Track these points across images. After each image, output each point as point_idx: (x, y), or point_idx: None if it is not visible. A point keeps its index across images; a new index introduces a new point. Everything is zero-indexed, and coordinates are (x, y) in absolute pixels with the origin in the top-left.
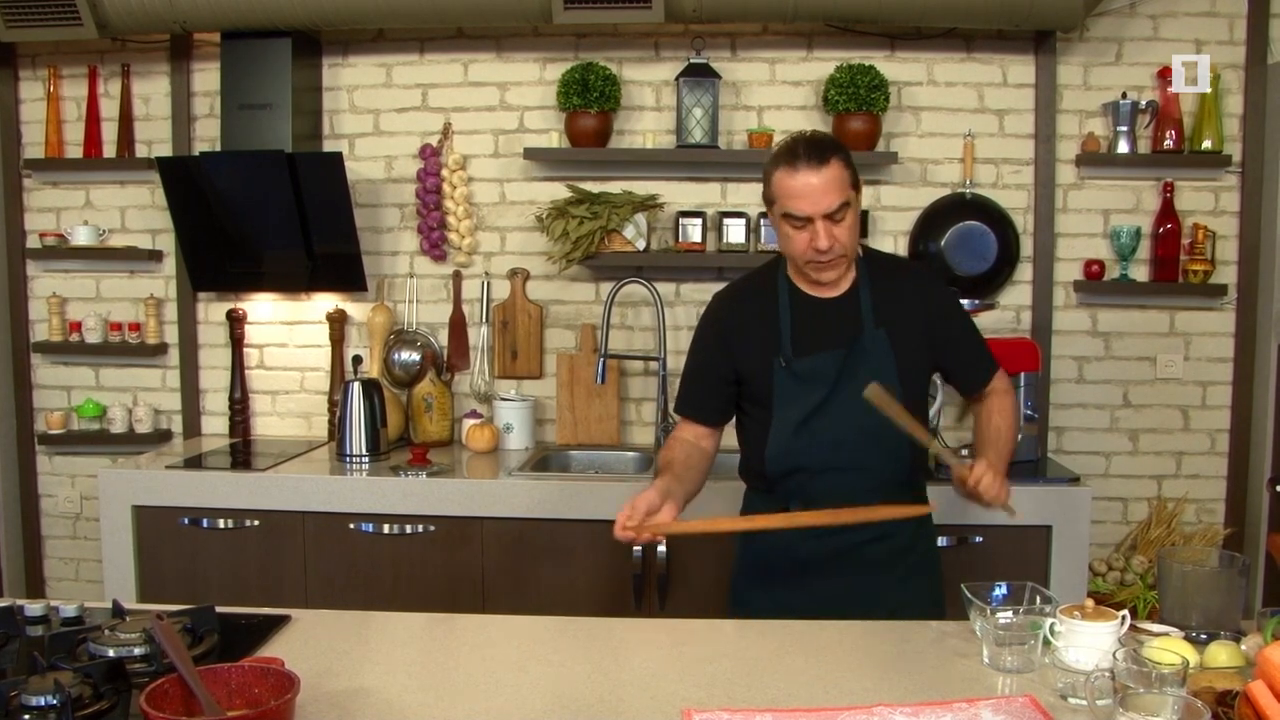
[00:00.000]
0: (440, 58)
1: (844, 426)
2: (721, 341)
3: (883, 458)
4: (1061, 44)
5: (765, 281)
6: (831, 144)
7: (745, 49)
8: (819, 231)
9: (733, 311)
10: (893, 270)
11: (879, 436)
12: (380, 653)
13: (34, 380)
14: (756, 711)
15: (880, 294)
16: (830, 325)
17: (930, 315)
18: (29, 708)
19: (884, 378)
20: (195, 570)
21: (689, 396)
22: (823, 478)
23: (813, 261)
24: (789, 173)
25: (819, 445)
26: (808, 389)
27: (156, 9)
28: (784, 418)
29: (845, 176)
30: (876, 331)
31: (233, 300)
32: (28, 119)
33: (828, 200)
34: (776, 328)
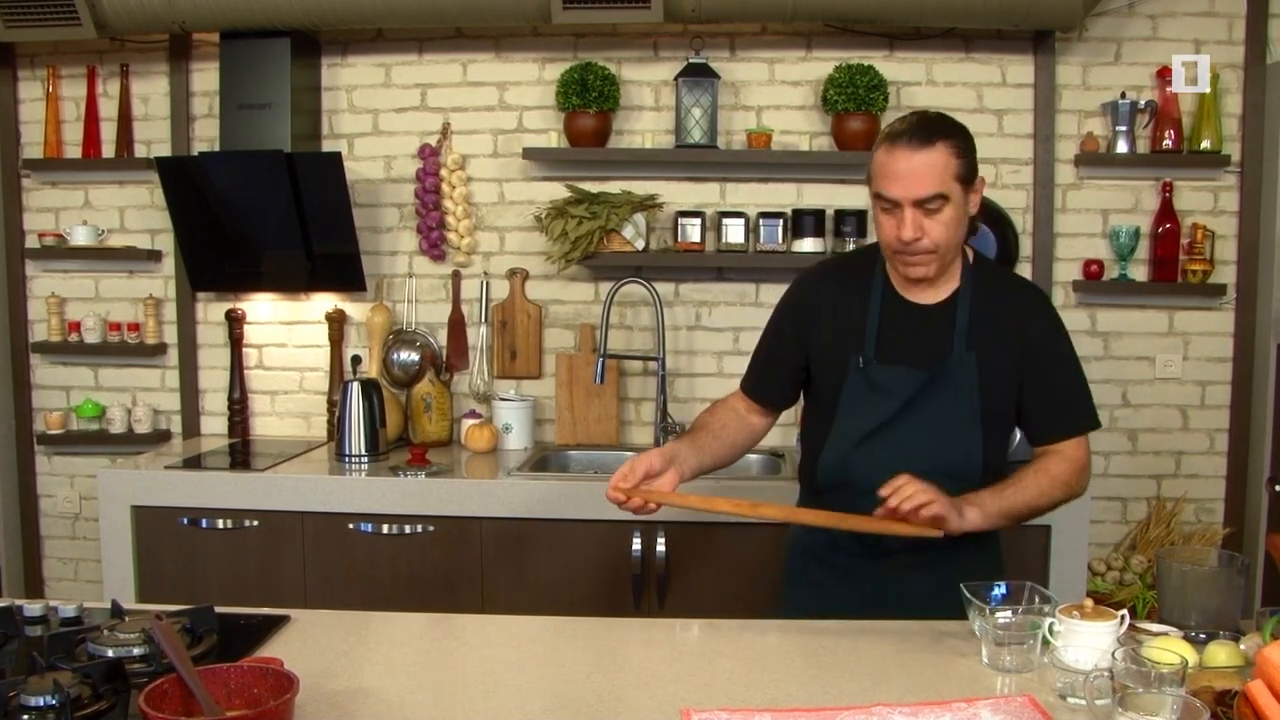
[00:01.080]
0: (439, 58)
1: (910, 450)
2: (800, 323)
3: (945, 485)
4: (1060, 44)
5: (862, 270)
6: (948, 127)
7: (744, 49)
8: (905, 219)
9: (821, 294)
10: (1000, 286)
11: (947, 468)
12: (379, 653)
13: (33, 380)
14: (755, 711)
15: (980, 310)
16: (920, 335)
17: (1025, 344)
18: (28, 708)
19: (965, 405)
20: (194, 570)
21: (752, 371)
22: (870, 499)
23: (899, 253)
24: (888, 149)
25: (878, 464)
26: (879, 400)
27: (155, 9)
28: (847, 425)
29: (950, 166)
30: (966, 353)
31: (232, 300)
32: (26, 119)
33: (921, 186)
34: (863, 324)
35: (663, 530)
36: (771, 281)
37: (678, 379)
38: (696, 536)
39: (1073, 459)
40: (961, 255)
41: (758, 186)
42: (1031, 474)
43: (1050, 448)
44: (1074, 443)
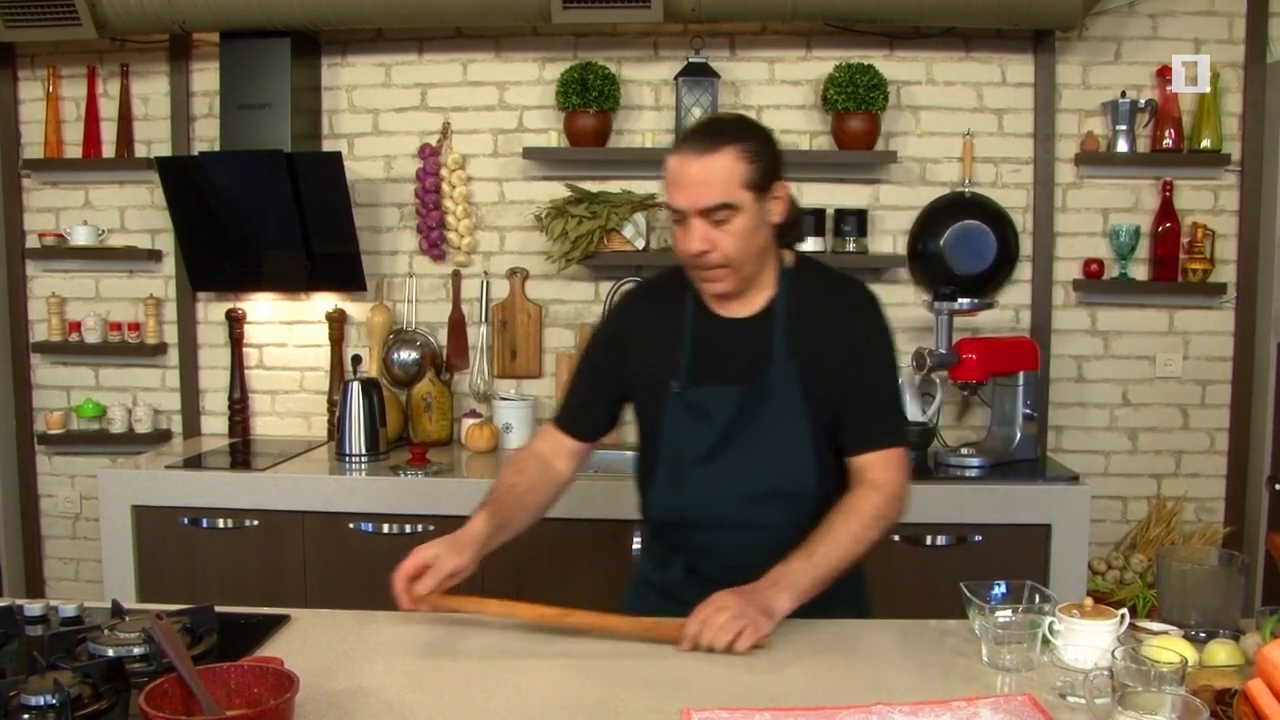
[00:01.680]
0: (439, 57)
1: (735, 477)
2: (614, 351)
3: (785, 515)
4: (1060, 43)
5: (674, 289)
6: (735, 130)
7: (744, 48)
8: (693, 231)
9: (633, 318)
10: (820, 288)
11: (779, 487)
12: (380, 652)
13: (33, 380)
14: (755, 710)
15: (799, 315)
16: (736, 352)
17: (849, 344)
18: (28, 707)
19: (792, 419)
20: (195, 570)
21: (568, 406)
22: (710, 535)
23: (693, 268)
24: (675, 155)
25: (705, 497)
26: (701, 425)
27: (155, 9)
28: (671, 458)
29: (737, 172)
30: (787, 362)
31: (232, 300)
32: (27, 119)
33: (704, 195)
34: (677, 346)
35: None
36: None
37: None
38: None
39: (883, 485)
40: (778, 260)
41: None
42: (841, 520)
43: (862, 475)
44: (883, 463)
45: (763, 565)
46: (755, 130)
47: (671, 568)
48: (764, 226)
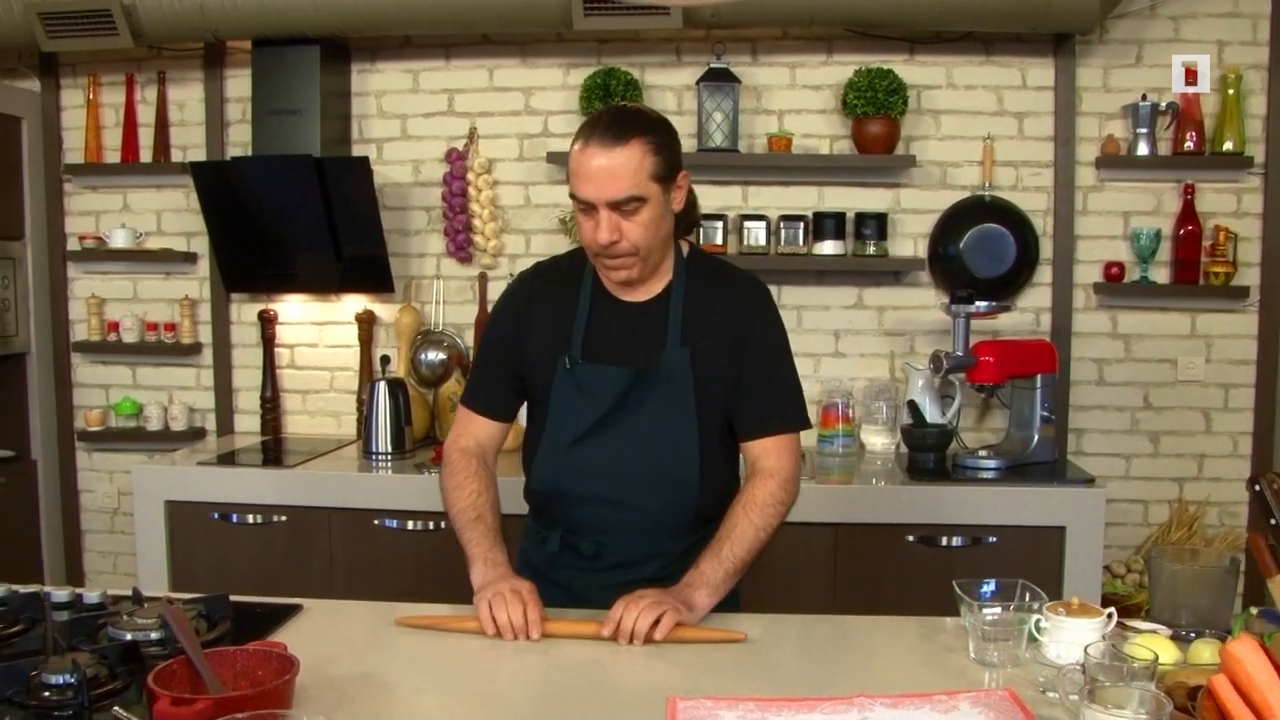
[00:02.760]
0: (466, 63)
1: (617, 454)
2: (516, 323)
3: (659, 497)
4: (1081, 46)
5: (572, 271)
6: (642, 123)
7: (766, 53)
8: (602, 222)
9: (535, 292)
10: (715, 278)
11: (662, 469)
12: (384, 640)
13: (74, 379)
14: (739, 700)
15: (694, 304)
16: (630, 334)
17: (738, 332)
18: (48, 685)
19: (679, 405)
20: (225, 563)
21: (476, 384)
22: (588, 509)
23: (600, 256)
24: (581, 147)
25: (586, 470)
26: (588, 402)
27: (189, 18)
28: (557, 431)
29: (645, 164)
30: (680, 350)
31: (264, 301)
32: (68, 125)
33: (614, 187)
34: (571, 325)
35: None
36: (793, 284)
37: None
38: None
39: (777, 472)
40: (675, 250)
41: (779, 189)
42: (741, 513)
43: (756, 463)
44: (776, 449)
45: (637, 544)
46: (659, 122)
47: (547, 544)
48: (668, 216)
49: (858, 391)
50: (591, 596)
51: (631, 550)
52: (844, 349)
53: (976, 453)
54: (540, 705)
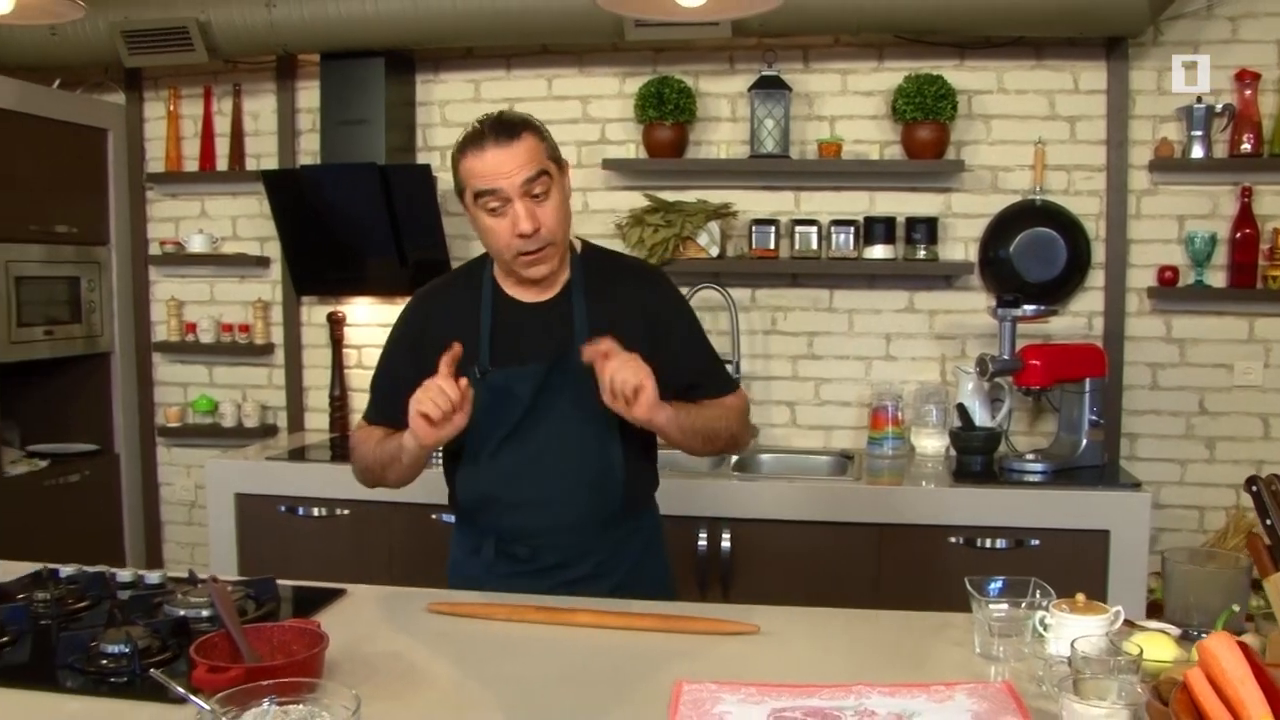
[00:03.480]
0: (525, 73)
1: (541, 453)
2: (411, 345)
3: (587, 492)
4: (1134, 49)
5: (470, 280)
6: (522, 121)
7: (817, 60)
8: (519, 213)
9: (428, 312)
10: (611, 268)
11: (585, 465)
12: (417, 623)
13: (155, 377)
14: (742, 685)
15: (596, 297)
16: (537, 334)
17: (649, 319)
18: (105, 654)
19: (595, 398)
20: (290, 554)
21: (378, 403)
22: (519, 511)
23: (521, 255)
24: (477, 154)
25: (512, 474)
26: (503, 407)
27: (260, 34)
28: (475, 440)
29: (542, 149)
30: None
31: (333, 303)
32: (150, 136)
33: (521, 170)
34: (476, 333)
35: (728, 527)
36: (844, 288)
37: (754, 382)
38: (762, 532)
39: (742, 406)
40: (569, 248)
41: (831, 195)
42: (706, 404)
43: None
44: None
45: (571, 543)
46: (535, 119)
47: (480, 554)
48: (568, 204)
49: (908, 395)
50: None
51: (566, 549)
52: (895, 352)
53: (1023, 456)
54: (554, 684)
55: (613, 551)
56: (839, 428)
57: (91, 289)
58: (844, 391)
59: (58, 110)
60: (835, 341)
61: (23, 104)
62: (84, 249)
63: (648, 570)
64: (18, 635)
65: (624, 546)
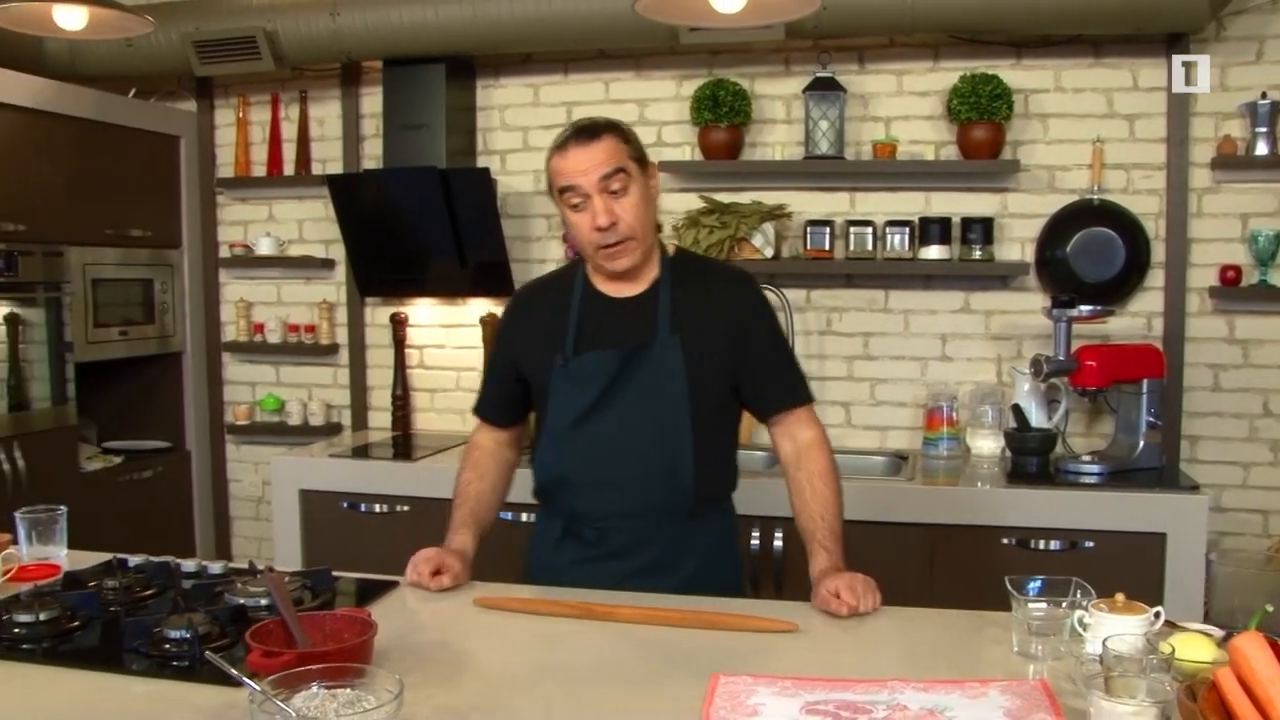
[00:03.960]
0: (583, 77)
1: (612, 435)
2: (509, 338)
3: (655, 477)
4: (1196, 45)
5: (565, 279)
6: (606, 124)
7: (873, 61)
8: (597, 208)
9: (525, 307)
10: (700, 270)
11: (656, 453)
12: (467, 614)
13: (224, 376)
14: (778, 678)
15: (682, 295)
16: (621, 325)
17: (731, 321)
18: (167, 639)
19: (672, 388)
20: (352, 549)
21: (483, 396)
22: (589, 492)
23: (601, 249)
24: (561, 153)
25: (584, 454)
26: (580, 390)
27: (323, 42)
28: (554, 421)
29: (622, 149)
30: (671, 337)
31: (396, 304)
32: (220, 142)
33: (600, 167)
34: (564, 326)
35: (781, 526)
36: (899, 288)
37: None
38: None
39: (819, 440)
40: (660, 249)
41: (886, 195)
42: (822, 484)
43: (791, 433)
44: (805, 420)
45: (635, 529)
46: (622, 123)
47: (550, 534)
48: (651, 202)
49: (964, 395)
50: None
51: (631, 535)
52: (951, 353)
53: (1079, 457)
54: (593, 675)
55: (679, 543)
56: (894, 428)
57: (164, 291)
58: (899, 392)
59: (133, 118)
60: (890, 342)
61: (100, 113)
62: (157, 252)
63: (717, 568)
64: (88, 620)
65: (692, 540)
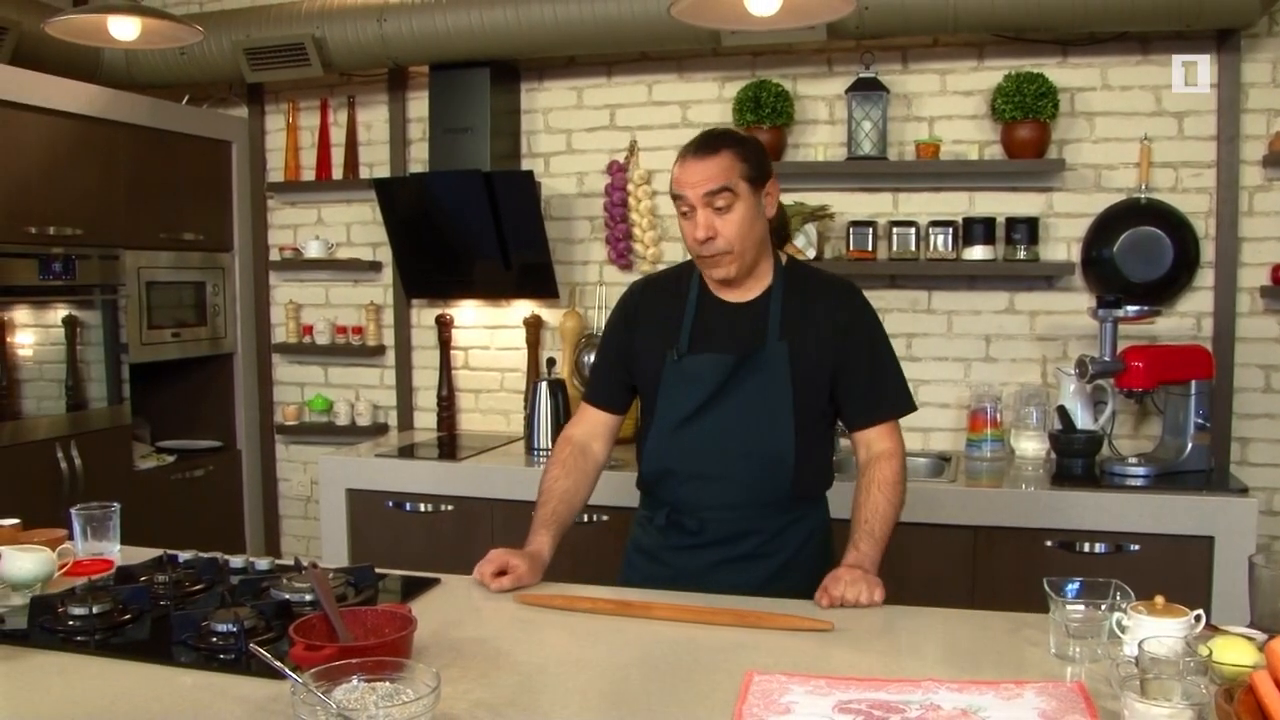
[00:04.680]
0: (626, 80)
1: (719, 433)
2: (626, 326)
3: (757, 473)
4: (1247, 41)
5: (683, 276)
6: (730, 138)
7: (916, 61)
8: (699, 220)
9: (644, 299)
10: (812, 282)
11: (757, 450)
12: (505, 611)
13: (274, 377)
14: (811, 677)
15: (793, 305)
16: (732, 329)
17: (836, 331)
18: (215, 632)
19: (777, 391)
20: (397, 547)
21: (594, 381)
22: (693, 484)
23: (700, 256)
24: (680, 163)
25: (690, 449)
26: (692, 388)
27: (371, 47)
28: (664, 416)
29: (735, 167)
30: (779, 343)
31: (441, 306)
32: (271, 147)
33: (707, 183)
34: (679, 322)
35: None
36: (944, 289)
37: None
38: None
39: (894, 453)
40: (774, 259)
41: (930, 195)
42: (878, 492)
43: (869, 445)
44: (887, 433)
45: (737, 519)
46: (747, 138)
47: (653, 523)
48: (760, 218)
49: (1009, 396)
50: (694, 575)
51: (732, 525)
52: (995, 354)
53: (1126, 460)
54: (629, 671)
55: (775, 535)
56: (937, 429)
57: (216, 293)
58: (943, 393)
59: (186, 124)
60: (934, 343)
61: (154, 119)
62: (209, 255)
63: (808, 561)
64: (139, 614)
65: (787, 533)
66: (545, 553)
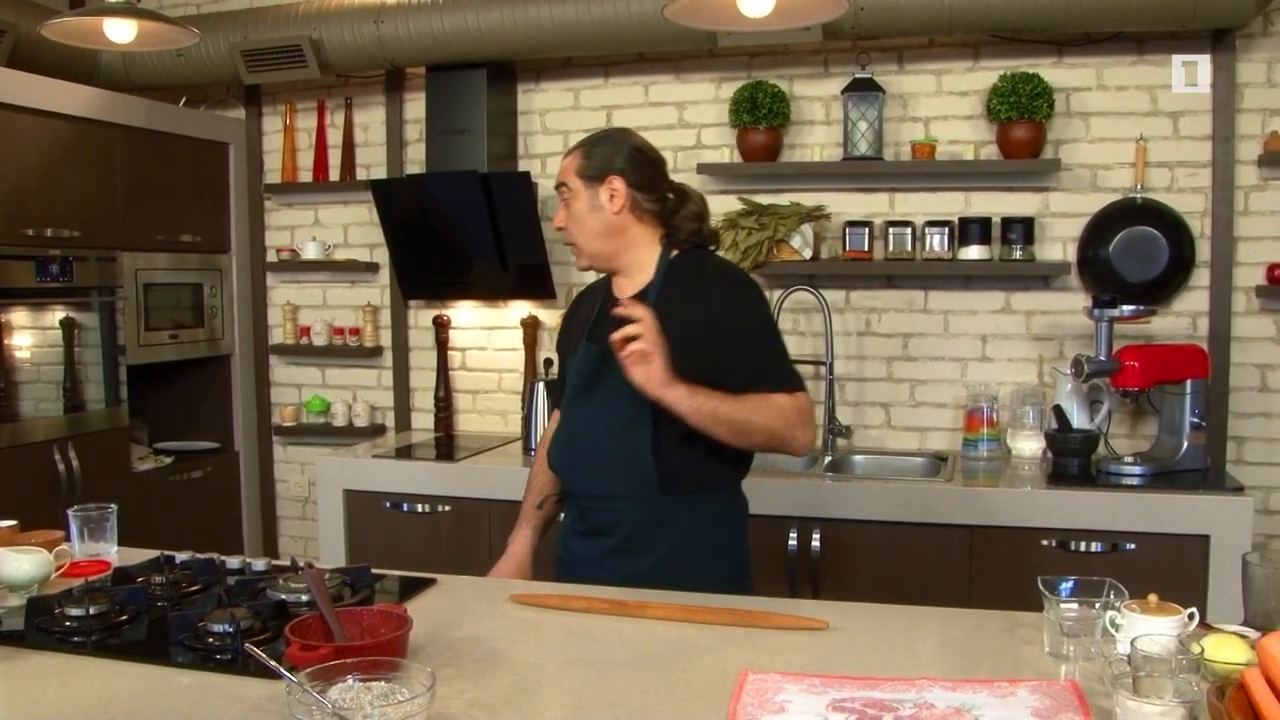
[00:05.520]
0: (623, 81)
1: (589, 423)
2: (564, 328)
3: (618, 464)
4: (1242, 41)
5: (609, 277)
6: (592, 138)
7: (912, 61)
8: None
9: (577, 302)
10: (693, 270)
11: (616, 441)
12: (499, 612)
13: (271, 378)
14: (805, 676)
15: (669, 297)
16: (617, 323)
17: (709, 321)
18: (211, 632)
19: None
20: (395, 547)
21: (557, 382)
22: (569, 473)
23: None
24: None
25: (568, 439)
26: (573, 380)
27: (368, 49)
28: (563, 408)
29: (574, 165)
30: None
31: (439, 307)
32: (268, 149)
33: (558, 179)
34: (588, 320)
35: (819, 527)
36: (940, 289)
37: (848, 383)
38: (853, 533)
39: (781, 402)
40: (653, 252)
41: (926, 196)
42: (747, 397)
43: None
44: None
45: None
46: (605, 137)
47: (563, 521)
48: (598, 212)
49: (1005, 396)
50: (585, 564)
51: (601, 516)
52: (991, 353)
53: (1122, 459)
54: (624, 670)
55: (644, 530)
56: (934, 429)
57: (213, 294)
58: (939, 393)
59: (183, 126)
60: (930, 343)
61: (151, 121)
62: (207, 256)
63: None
64: (136, 615)
65: (664, 527)
66: (525, 549)
